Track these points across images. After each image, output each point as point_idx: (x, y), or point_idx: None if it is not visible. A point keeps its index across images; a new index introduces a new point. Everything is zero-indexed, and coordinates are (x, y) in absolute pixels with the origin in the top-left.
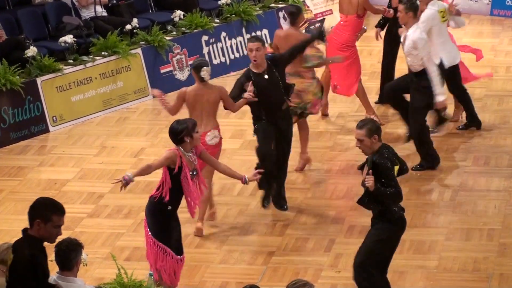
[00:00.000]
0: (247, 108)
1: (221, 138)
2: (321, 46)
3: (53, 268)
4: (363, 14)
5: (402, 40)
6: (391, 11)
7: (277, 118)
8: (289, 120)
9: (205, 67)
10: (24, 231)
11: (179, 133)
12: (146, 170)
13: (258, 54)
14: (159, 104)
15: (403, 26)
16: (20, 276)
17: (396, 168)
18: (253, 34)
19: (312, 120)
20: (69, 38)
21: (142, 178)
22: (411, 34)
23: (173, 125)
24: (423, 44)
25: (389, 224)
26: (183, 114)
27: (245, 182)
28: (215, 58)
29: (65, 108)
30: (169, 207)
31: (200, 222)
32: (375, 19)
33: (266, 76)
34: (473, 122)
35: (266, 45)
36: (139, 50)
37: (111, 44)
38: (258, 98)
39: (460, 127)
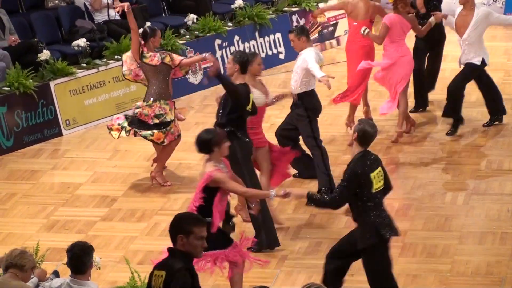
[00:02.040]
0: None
1: None
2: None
3: (66, 272)
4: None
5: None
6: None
7: None
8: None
9: None
10: (170, 249)
11: (208, 142)
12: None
13: None
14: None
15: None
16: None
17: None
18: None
19: (325, 124)
20: (82, 42)
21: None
22: (302, 54)
23: (202, 134)
24: (313, 56)
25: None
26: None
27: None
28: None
29: (78, 111)
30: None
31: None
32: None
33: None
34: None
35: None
36: None
37: (124, 48)
38: None
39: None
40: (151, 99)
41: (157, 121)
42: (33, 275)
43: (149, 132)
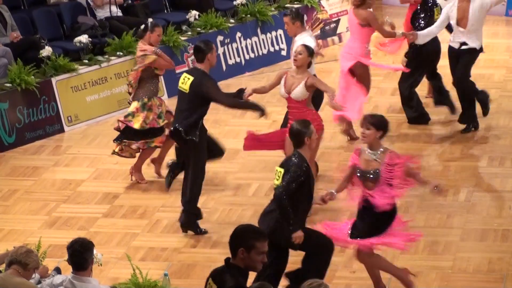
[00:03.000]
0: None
1: None
2: None
3: (68, 269)
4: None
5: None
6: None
7: None
8: None
9: None
10: (227, 260)
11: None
12: None
13: None
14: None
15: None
16: None
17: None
18: None
19: (326, 120)
20: (84, 38)
21: (156, 178)
22: (299, 40)
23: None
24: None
25: None
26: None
27: None
28: (230, 59)
29: (80, 108)
30: None
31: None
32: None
33: None
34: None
35: None
36: None
37: (126, 44)
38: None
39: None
40: (146, 97)
41: (161, 122)
42: (35, 274)
43: (151, 141)
